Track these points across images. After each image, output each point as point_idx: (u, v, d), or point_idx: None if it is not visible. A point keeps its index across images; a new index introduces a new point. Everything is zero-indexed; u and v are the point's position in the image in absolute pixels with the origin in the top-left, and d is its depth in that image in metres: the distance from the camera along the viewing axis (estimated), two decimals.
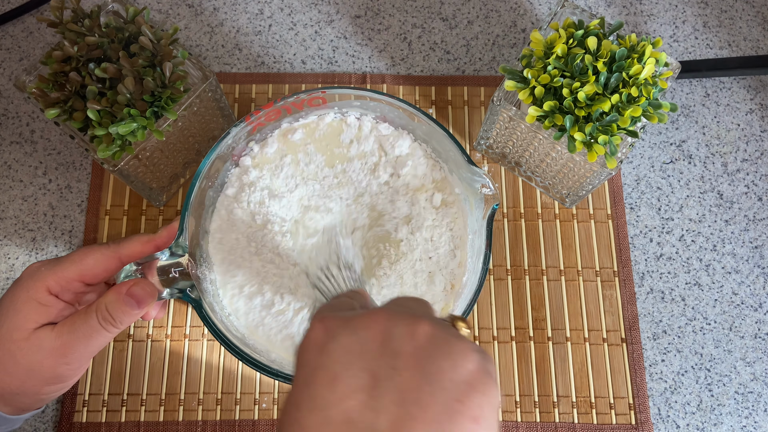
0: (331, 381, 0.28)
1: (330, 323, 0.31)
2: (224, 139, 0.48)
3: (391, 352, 0.29)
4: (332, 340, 0.30)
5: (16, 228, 0.59)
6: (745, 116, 0.64)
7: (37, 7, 0.65)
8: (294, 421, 0.28)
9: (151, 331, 0.57)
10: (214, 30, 0.66)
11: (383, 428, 0.27)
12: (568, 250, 0.59)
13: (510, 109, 0.51)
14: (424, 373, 0.28)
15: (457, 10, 0.67)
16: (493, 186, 0.46)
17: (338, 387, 0.28)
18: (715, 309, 0.58)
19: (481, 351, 0.30)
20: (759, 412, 0.56)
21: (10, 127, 0.62)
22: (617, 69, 0.47)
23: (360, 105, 0.51)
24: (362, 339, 0.29)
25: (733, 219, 0.60)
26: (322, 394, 0.28)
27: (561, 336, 0.57)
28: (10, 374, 0.39)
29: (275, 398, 0.55)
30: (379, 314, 0.30)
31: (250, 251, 0.50)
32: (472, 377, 0.28)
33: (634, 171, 0.62)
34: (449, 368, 0.28)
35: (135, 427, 0.54)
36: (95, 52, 0.47)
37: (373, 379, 0.28)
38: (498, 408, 0.29)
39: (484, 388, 0.28)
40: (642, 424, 0.55)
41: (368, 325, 0.30)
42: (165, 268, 0.44)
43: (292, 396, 0.30)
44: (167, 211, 0.60)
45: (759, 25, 0.66)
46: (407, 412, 0.27)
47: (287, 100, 0.49)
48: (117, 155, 0.48)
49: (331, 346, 0.30)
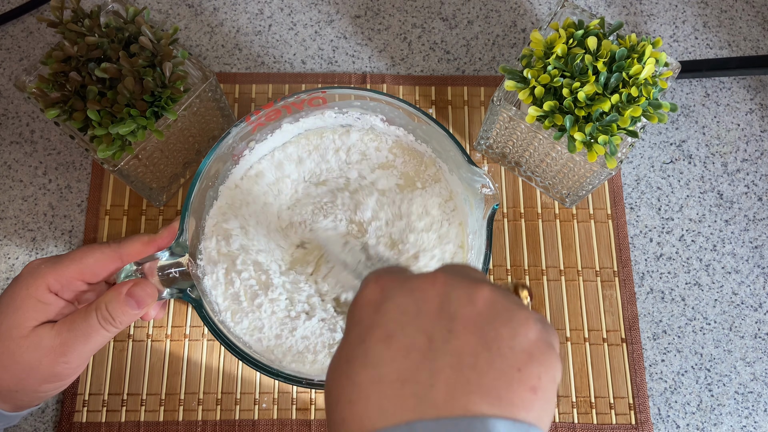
0: (387, 339, 0.28)
1: (386, 283, 0.30)
2: (224, 139, 0.48)
3: (449, 316, 0.28)
4: (388, 300, 0.29)
5: (16, 228, 0.59)
6: (745, 116, 0.64)
7: (37, 7, 0.65)
8: (345, 376, 0.28)
9: (151, 331, 0.57)
10: (214, 30, 0.66)
11: (438, 391, 0.26)
12: (568, 250, 0.59)
13: (510, 109, 0.51)
14: (483, 338, 0.27)
15: (457, 10, 0.67)
16: (493, 186, 0.46)
17: (393, 345, 0.27)
18: (715, 309, 0.58)
19: (543, 321, 0.29)
20: (759, 412, 0.56)
21: (10, 127, 0.62)
22: (617, 69, 0.47)
23: (360, 105, 0.51)
24: (419, 300, 0.29)
25: (733, 219, 0.60)
26: (377, 352, 0.27)
27: (561, 336, 0.57)
28: (8, 372, 0.39)
29: (275, 398, 0.55)
30: (437, 277, 0.30)
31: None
32: (532, 346, 0.28)
33: (634, 171, 0.62)
34: (509, 336, 0.28)
35: (135, 427, 0.54)
36: (95, 52, 0.47)
37: (429, 340, 0.27)
38: (557, 381, 0.28)
39: (544, 358, 0.28)
40: (642, 424, 0.55)
41: (425, 287, 0.29)
42: (165, 268, 0.44)
43: (343, 351, 0.29)
44: (167, 211, 0.60)
45: (759, 25, 0.66)
46: (463, 376, 0.26)
47: (287, 100, 0.49)
48: (117, 155, 0.48)
49: (387, 306, 0.29)
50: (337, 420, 0.27)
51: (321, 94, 0.50)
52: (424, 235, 0.51)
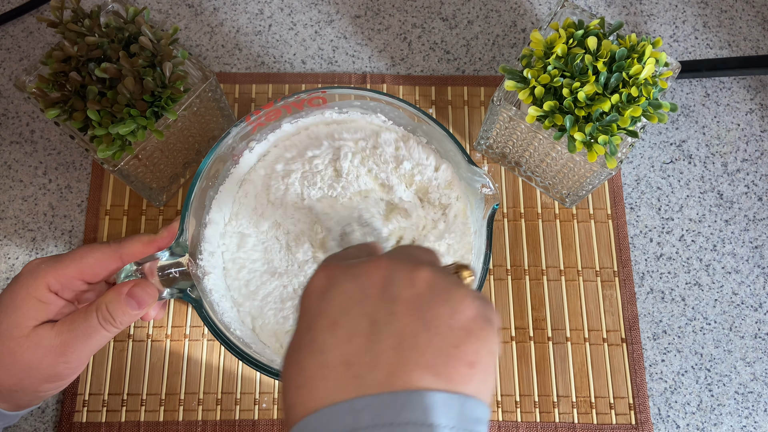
0: (331, 326, 0.29)
1: (332, 271, 0.31)
2: (224, 139, 0.48)
3: (390, 298, 0.29)
4: (333, 287, 0.30)
5: (16, 228, 0.59)
6: (745, 116, 0.64)
7: (37, 7, 0.65)
8: (295, 363, 0.29)
9: (151, 331, 0.57)
10: (214, 30, 0.66)
11: (380, 372, 0.27)
12: (568, 250, 0.59)
13: (510, 109, 0.51)
14: (422, 319, 0.29)
15: (457, 10, 0.67)
16: (494, 186, 0.46)
17: (337, 332, 0.29)
18: (715, 309, 0.58)
19: (482, 298, 0.31)
20: (759, 412, 0.56)
21: (10, 127, 0.62)
22: (617, 69, 0.47)
23: (360, 105, 0.51)
24: (363, 285, 0.30)
25: (733, 219, 0.60)
26: (322, 339, 0.29)
27: (561, 336, 0.57)
28: (8, 371, 0.39)
29: (275, 398, 0.55)
30: (380, 261, 0.31)
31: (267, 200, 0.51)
32: (470, 323, 0.29)
33: (634, 171, 0.62)
34: (447, 314, 0.29)
35: (135, 427, 0.54)
36: (95, 52, 0.47)
37: (371, 324, 0.28)
38: (496, 355, 0.30)
39: (482, 333, 0.29)
40: (642, 424, 0.55)
41: (369, 272, 0.30)
42: (165, 268, 0.44)
43: (293, 340, 0.30)
44: (167, 211, 0.60)
45: (759, 25, 0.66)
46: (404, 356, 0.27)
47: (287, 100, 0.49)
48: (117, 155, 0.48)
49: (332, 293, 0.30)
50: (287, 405, 0.29)
51: (321, 94, 0.50)
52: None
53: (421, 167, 0.51)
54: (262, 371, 0.44)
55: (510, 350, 0.57)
